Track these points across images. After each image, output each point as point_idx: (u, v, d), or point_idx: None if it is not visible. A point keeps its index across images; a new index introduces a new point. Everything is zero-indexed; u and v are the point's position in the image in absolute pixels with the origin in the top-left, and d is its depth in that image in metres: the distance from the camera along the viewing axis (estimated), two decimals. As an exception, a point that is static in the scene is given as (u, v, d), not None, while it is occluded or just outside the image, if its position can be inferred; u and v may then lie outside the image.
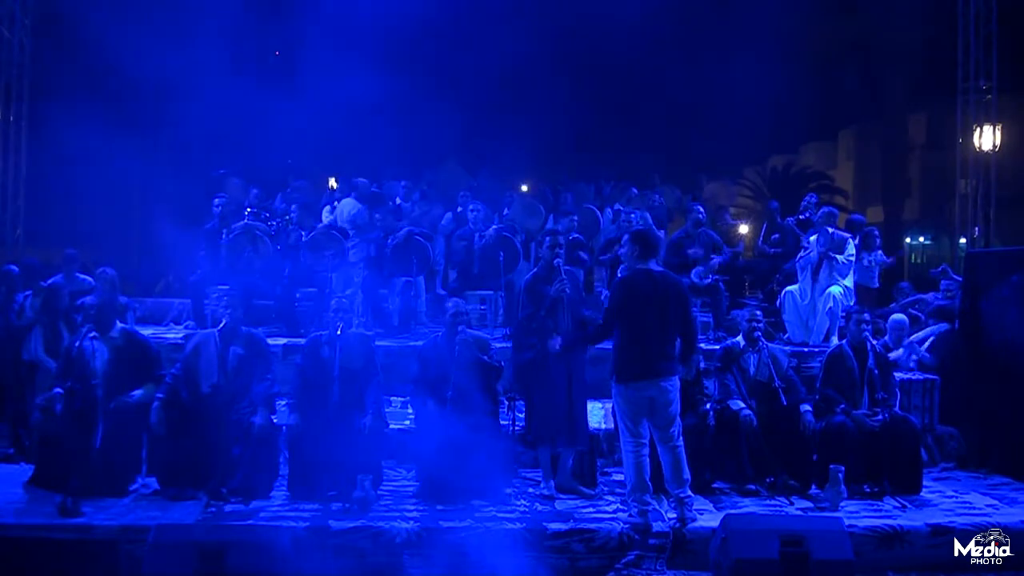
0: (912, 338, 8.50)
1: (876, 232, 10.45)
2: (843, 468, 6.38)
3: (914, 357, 8.31)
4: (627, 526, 5.80)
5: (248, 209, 10.02)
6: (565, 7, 15.73)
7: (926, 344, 8.43)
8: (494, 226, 9.90)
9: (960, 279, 8.87)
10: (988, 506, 6.50)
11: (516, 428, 6.73)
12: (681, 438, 5.96)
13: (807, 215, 10.57)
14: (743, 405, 6.79)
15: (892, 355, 8.06)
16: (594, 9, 14.81)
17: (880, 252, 10.26)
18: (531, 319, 6.38)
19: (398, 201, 10.92)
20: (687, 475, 5.94)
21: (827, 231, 9.10)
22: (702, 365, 7.09)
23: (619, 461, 6.36)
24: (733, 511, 6.03)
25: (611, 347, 6.05)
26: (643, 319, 5.84)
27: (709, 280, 9.38)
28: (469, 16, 14.06)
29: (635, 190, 12.08)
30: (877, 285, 10.31)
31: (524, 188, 14.22)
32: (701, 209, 9.99)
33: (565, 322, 6.33)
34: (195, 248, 9.54)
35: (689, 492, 5.93)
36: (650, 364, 5.83)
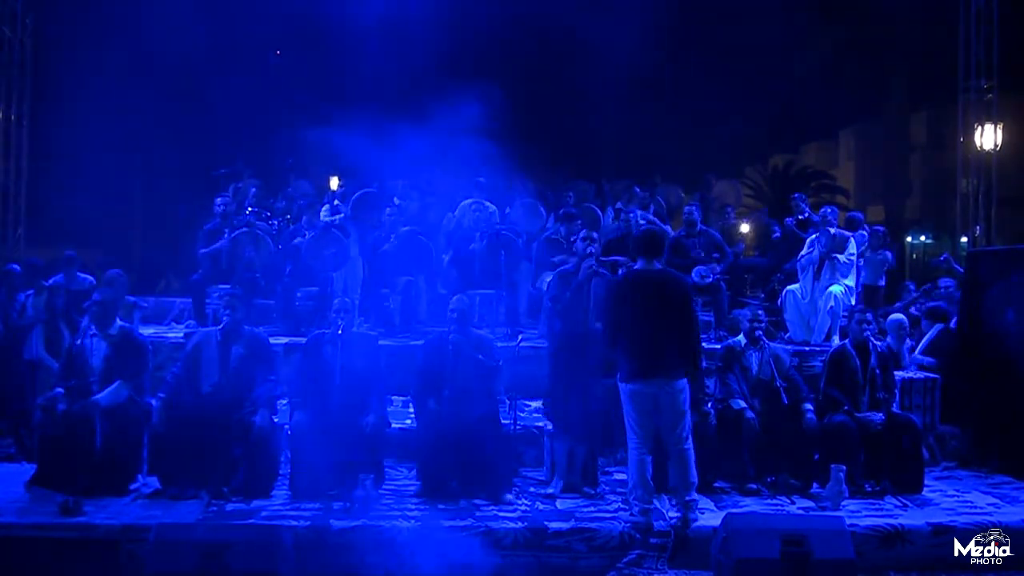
0: (915, 352, 8.41)
1: (883, 230, 10.43)
2: (844, 467, 6.37)
3: (914, 367, 8.28)
4: (628, 525, 5.78)
5: (249, 208, 10.03)
6: (570, 5, 15.73)
7: (920, 347, 8.40)
8: (496, 226, 9.89)
9: (962, 271, 8.86)
10: (989, 505, 6.49)
11: (516, 427, 6.73)
12: (690, 440, 5.91)
13: (806, 214, 10.55)
14: (745, 404, 6.79)
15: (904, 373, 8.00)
16: (597, 8, 14.82)
17: (887, 252, 10.24)
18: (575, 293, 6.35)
19: (397, 201, 10.90)
20: (694, 478, 5.89)
21: (828, 232, 9.08)
22: (704, 364, 7.09)
23: (621, 461, 6.34)
24: (734, 510, 6.02)
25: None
26: (647, 318, 5.82)
27: (710, 279, 9.38)
28: (468, 14, 14.05)
29: (637, 188, 12.08)
30: (883, 284, 10.30)
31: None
32: (694, 209, 9.97)
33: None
34: (196, 247, 9.55)
35: (695, 496, 5.88)
36: (654, 363, 5.80)
